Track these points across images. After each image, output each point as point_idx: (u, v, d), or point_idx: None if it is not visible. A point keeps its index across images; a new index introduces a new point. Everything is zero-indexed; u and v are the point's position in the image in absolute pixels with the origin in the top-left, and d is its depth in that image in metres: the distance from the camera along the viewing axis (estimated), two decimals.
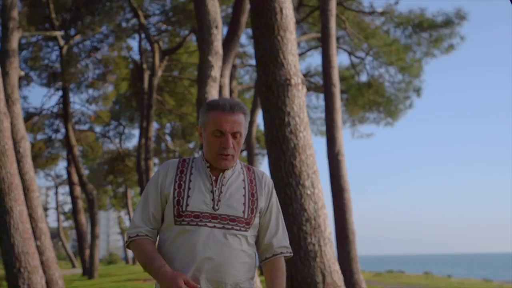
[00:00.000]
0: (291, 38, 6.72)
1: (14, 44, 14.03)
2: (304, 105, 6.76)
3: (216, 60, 9.61)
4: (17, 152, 12.41)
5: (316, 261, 6.21)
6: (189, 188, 2.62)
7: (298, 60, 6.91)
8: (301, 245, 6.42)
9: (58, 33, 24.63)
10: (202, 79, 9.58)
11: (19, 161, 12.35)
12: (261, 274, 11.59)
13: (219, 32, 9.76)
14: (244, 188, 2.69)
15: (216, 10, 9.77)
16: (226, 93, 12.87)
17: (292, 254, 2.83)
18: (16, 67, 13.99)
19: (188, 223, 2.57)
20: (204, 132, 2.68)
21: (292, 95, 6.60)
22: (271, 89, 6.69)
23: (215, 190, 2.62)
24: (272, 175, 6.78)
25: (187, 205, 2.58)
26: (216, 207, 2.58)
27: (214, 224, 2.56)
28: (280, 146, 6.57)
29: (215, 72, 9.55)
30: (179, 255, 2.56)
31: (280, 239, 2.77)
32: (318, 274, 6.21)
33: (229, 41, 13.10)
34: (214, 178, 2.65)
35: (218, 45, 9.72)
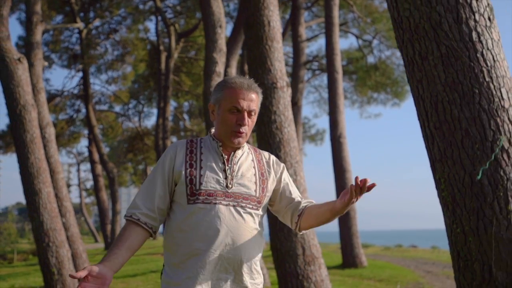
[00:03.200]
0: (277, 47, 7.69)
1: (38, 36, 14.97)
2: (289, 105, 7.73)
3: (220, 57, 10.55)
4: (43, 137, 13.35)
5: (298, 237, 7.27)
6: (201, 167, 2.59)
7: (284, 65, 7.86)
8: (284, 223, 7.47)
9: (80, 25, 25.55)
10: (207, 74, 10.49)
11: (45, 146, 13.27)
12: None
13: (223, 31, 10.68)
14: (254, 167, 2.69)
15: (220, 11, 10.69)
16: None
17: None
18: (40, 58, 14.96)
19: (203, 202, 2.53)
20: (218, 109, 2.67)
21: (278, 96, 7.60)
22: None
23: (227, 169, 2.61)
24: None
25: (200, 183, 2.54)
26: (230, 186, 2.57)
27: (228, 202, 2.55)
28: (268, 140, 7.54)
29: (219, 68, 10.49)
30: (194, 233, 2.52)
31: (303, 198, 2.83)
32: (299, 247, 7.29)
33: (236, 33, 14.04)
34: (226, 157, 2.64)
35: (222, 43, 10.64)
